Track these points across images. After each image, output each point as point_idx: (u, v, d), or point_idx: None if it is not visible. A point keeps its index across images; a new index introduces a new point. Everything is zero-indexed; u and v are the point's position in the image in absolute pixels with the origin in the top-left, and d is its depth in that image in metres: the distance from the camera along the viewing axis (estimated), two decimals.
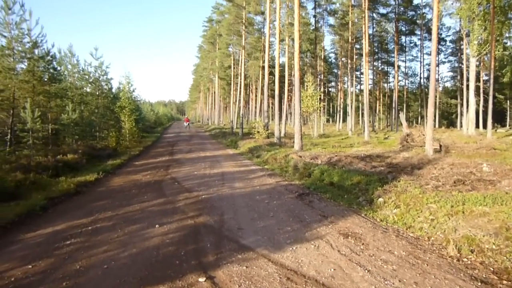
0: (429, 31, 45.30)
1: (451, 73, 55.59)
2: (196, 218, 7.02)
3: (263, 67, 41.39)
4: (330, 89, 70.44)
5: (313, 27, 39.25)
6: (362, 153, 16.95)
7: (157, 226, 6.49)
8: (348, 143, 24.79)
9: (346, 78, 55.68)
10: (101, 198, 9.20)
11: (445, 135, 26.65)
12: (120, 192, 9.83)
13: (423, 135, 18.90)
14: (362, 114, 53.26)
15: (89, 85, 23.42)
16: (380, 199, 8.24)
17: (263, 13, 35.60)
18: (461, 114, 43.05)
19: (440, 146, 16.69)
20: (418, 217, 6.85)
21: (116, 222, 6.85)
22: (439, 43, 47.05)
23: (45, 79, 17.07)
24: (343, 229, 6.32)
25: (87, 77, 22.96)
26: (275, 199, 8.67)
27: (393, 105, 46.55)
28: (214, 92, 62.45)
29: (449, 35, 48.18)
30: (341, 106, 51.49)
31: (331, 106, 72.08)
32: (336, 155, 15.73)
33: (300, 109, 19.01)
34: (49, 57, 17.04)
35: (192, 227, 6.45)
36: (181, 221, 6.83)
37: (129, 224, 6.71)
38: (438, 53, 48.02)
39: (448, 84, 59.42)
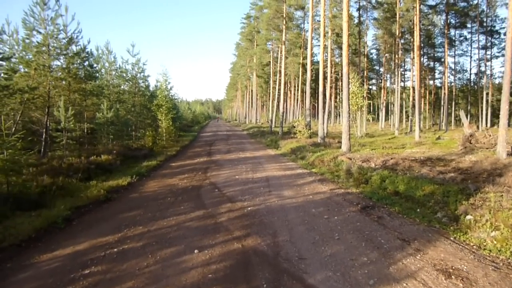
0: (481, 24, 41.92)
1: (503, 68, 51.38)
2: (244, 240, 5.67)
3: (303, 64, 39.79)
4: (370, 87, 67.55)
5: (356, 21, 37.15)
6: (420, 156, 15.11)
7: (196, 251, 5.19)
8: (398, 143, 22.76)
9: (388, 75, 52.99)
10: (133, 207, 8.07)
11: (497, 135, 23.92)
12: (154, 200, 8.67)
13: (490, 135, 16.72)
14: (406, 112, 50.48)
15: (126, 83, 22.82)
16: (469, 217, 6.58)
17: (303, 7, 33.96)
18: None
19: None
20: None
21: (147, 243, 5.63)
22: (491, 35, 43.49)
23: (81, 77, 16.41)
24: (438, 262, 4.76)
25: (124, 75, 22.37)
26: (335, 213, 7.18)
27: (442, 103, 43.47)
28: (252, 90, 61.33)
29: (504, 28, 44.17)
30: (384, 104, 48.75)
31: (371, 104, 69.08)
32: (391, 158, 14.06)
33: (349, 106, 17.31)
34: (85, 54, 16.37)
35: (240, 254, 5.09)
36: (225, 244, 5.50)
37: (162, 246, 5.46)
38: (491, 47, 44.51)
39: (500, 80, 55.07)
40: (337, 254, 5.06)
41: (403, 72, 51.98)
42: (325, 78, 29.34)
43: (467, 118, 52.63)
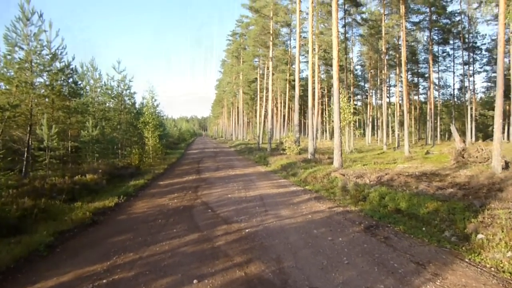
0: (463, 40, 42.92)
1: (485, 84, 52.59)
2: (246, 266, 5.21)
3: (289, 81, 39.89)
4: (356, 103, 68.21)
5: (343, 38, 37.58)
6: (413, 171, 14.94)
7: (195, 281, 4.70)
8: (388, 158, 22.66)
9: (373, 91, 53.61)
10: (121, 230, 7.52)
11: (489, 149, 24.03)
12: (144, 222, 8.13)
13: (482, 149, 16.69)
14: (392, 127, 50.96)
15: (112, 100, 22.27)
16: (480, 236, 6.27)
17: (289, 24, 34.21)
18: (502, 127, 40.07)
19: (507, 162, 14.48)
20: None
21: (139, 272, 5.12)
22: (473, 51, 44.50)
23: (65, 94, 15.87)
24: None
25: (109, 92, 21.84)
26: (338, 234, 6.78)
27: (427, 118, 43.99)
28: (238, 107, 61.17)
29: (484, 44, 45.28)
30: (370, 120, 49.14)
31: (357, 120, 69.64)
32: (385, 173, 13.85)
33: (340, 121, 17.15)
34: (69, 70, 15.88)
35: (244, 284, 4.61)
36: (226, 272, 5.02)
37: (157, 275, 4.95)
38: (473, 62, 45.45)
39: (482, 95, 56.20)
40: (350, 281, 4.64)
41: (388, 88, 52.72)
42: (313, 93, 29.37)
43: (451, 132, 53.33)
